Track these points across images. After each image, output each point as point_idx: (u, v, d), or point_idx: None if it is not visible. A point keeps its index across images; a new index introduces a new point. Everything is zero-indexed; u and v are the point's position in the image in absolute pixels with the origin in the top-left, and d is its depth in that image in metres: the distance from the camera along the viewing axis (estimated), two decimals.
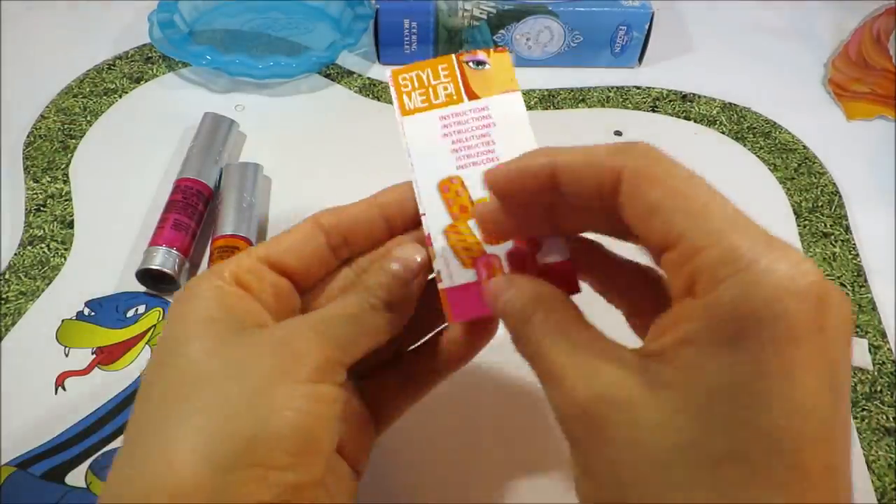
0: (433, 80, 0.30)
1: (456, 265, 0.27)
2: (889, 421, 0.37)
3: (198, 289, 0.25)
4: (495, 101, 0.29)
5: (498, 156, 0.28)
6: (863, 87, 0.54)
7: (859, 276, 0.43)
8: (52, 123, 0.49)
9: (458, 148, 0.29)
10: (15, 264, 0.41)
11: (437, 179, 0.28)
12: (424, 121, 0.29)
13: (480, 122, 0.29)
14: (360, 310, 0.25)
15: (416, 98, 0.30)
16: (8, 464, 0.33)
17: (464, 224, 0.28)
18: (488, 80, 0.29)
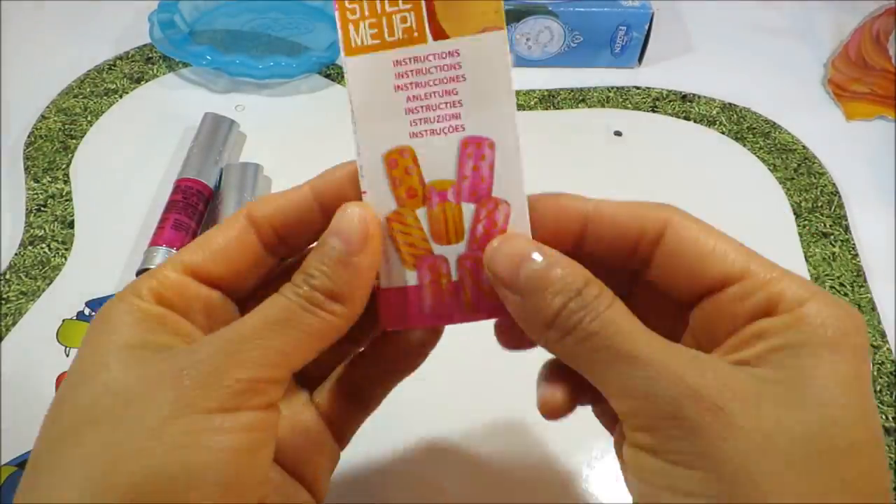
0: (388, 6, 0.22)
1: (396, 262, 0.23)
2: (889, 421, 0.37)
3: (114, 311, 0.22)
4: (469, 44, 0.22)
5: (464, 124, 0.22)
6: (862, 87, 0.54)
7: (859, 275, 0.43)
8: (53, 124, 0.49)
9: (414, 107, 0.22)
10: (15, 264, 0.41)
11: (383, 149, 0.22)
12: (374, 65, 0.22)
13: (447, 72, 0.22)
14: (288, 312, 0.21)
15: (364, 31, 0.22)
16: (8, 464, 0.34)
17: (410, 213, 0.22)
18: (464, 12, 0.22)
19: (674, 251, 0.22)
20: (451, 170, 0.22)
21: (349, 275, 0.21)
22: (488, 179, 0.22)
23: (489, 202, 0.22)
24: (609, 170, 0.48)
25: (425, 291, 0.23)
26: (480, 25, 0.22)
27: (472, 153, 0.22)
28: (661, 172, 0.49)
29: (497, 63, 0.22)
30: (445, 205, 0.23)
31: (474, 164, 0.22)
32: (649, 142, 0.51)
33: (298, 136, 0.50)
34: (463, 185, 0.22)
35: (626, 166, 0.49)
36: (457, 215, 0.23)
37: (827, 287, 0.42)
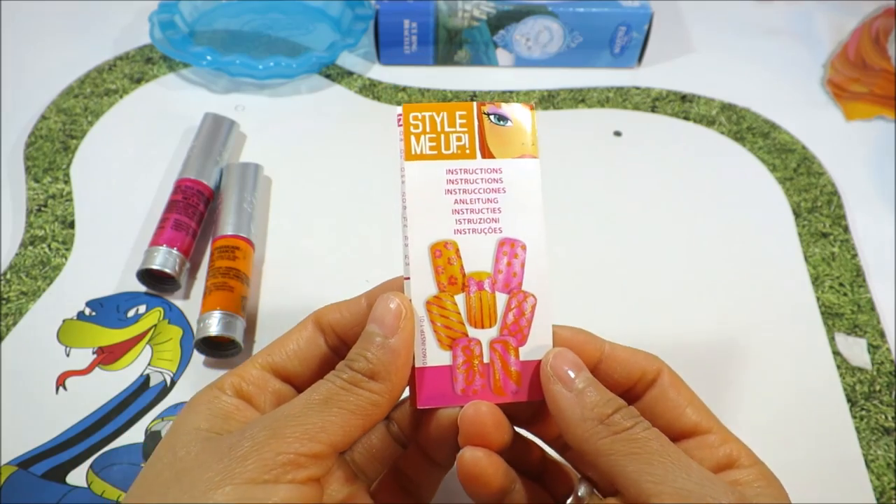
0: (447, 126, 0.26)
1: (433, 343, 0.25)
2: (888, 420, 0.37)
3: (195, 401, 0.25)
4: (511, 165, 0.26)
5: (501, 227, 0.26)
6: (861, 87, 0.54)
7: (858, 275, 0.43)
8: (53, 124, 0.49)
9: (460, 209, 0.26)
10: (16, 264, 0.41)
11: (430, 241, 0.26)
12: (429, 170, 0.26)
13: (490, 184, 0.26)
14: (329, 392, 0.23)
15: (424, 143, 0.26)
16: (9, 463, 0.34)
17: (450, 298, 0.25)
18: (508, 139, 0.27)
19: (663, 394, 0.26)
20: (489, 263, 0.26)
21: (385, 355, 0.24)
22: (520, 275, 0.26)
23: (519, 293, 0.26)
24: (609, 170, 0.48)
25: (458, 371, 0.25)
26: (519, 152, 0.27)
27: (507, 251, 0.26)
28: (660, 173, 0.49)
29: (530, 182, 0.26)
30: (482, 293, 0.26)
31: (508, 261, 0.26)
32: (649, 142, 0.51)
33: (298, 136, 0.50)
34: (498, 277, 0.26)
35: (625, 166, 0.49)
36: (491, 303, 0.26)
37: (826, 287, 0.42)
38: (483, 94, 0.53)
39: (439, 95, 0.53)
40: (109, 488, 0.33)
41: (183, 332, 0.39)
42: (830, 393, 0.38)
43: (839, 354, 0.39)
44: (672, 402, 0.26)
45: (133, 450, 0.34)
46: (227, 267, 0.39)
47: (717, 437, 0.25)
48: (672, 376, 0.27)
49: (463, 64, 0.55)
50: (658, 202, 0.47)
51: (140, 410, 0.36)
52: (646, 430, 0.23)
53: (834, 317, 0.41)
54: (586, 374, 0.25)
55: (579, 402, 0.24)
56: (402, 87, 0.53)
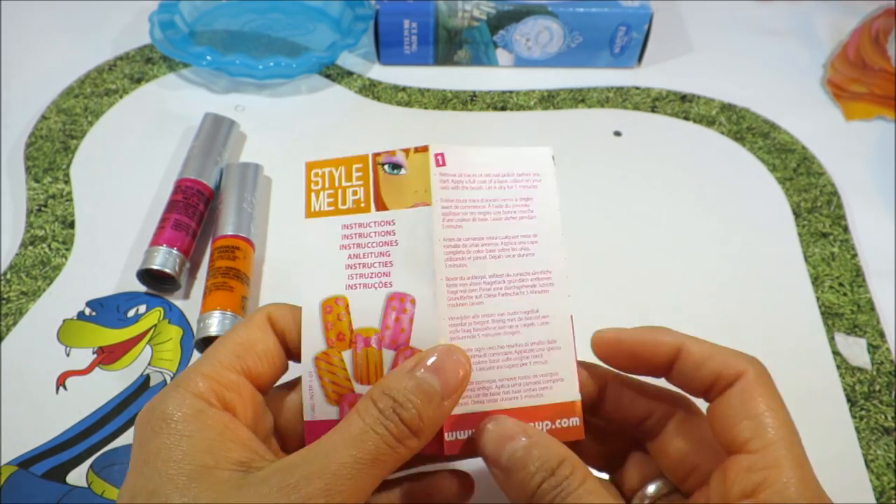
0: (345, 181, 0.27)
1: (320, 398, 0.25)
2: (887, 420, 0.37)
3: (181, 416, 0.22)
4: (403, 216, 0.26)
5: (392, 281, 0.25)
6: (861, 87, 0.54)
7: (858, 275, 0.43)
8: (54, 124, 0.49)
9: (353, 264, 0.26)
10: (16, 264, 0.41)
11: (322, 296, 0.26)
12: (325, 227, 0.26)
13: (383, 237, 0.26)
14: (377, 451, 0.22)
15: (323, 199, 0.27)
16: (9, 463, 0.34)
17: (337, 354, 0.26)
18: (401, 188, 0.26)
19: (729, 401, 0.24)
20: (377, 319, 0.26)
21: (436, 415, 0.23)
22: (408, 330, 0.25)
23: (406, 350, 0.25)
24: (609, 170, 0.48)
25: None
26: (412, 201, 0.26)
27: (395, 306, 0.26)
28: (660, 173, 0.49)
29: (422, 231, 0.26)
30: (368, 350, 0.26)
31: (397, 316, 0.25)
32: (649, 142, 0.51)
33: (298, 136, 0.50)
34: (385, 333, 0.26)
35: (625, 166, 0.49)
36: (377, 359, 0.25)
37: (826, 287, 0.42)
38: (483, 94, 0.53)
39: (439, 95, 0.53)
40: (109, 488, 0.33)
41: (183, 332, 0.39)
42: (830, 393, 0.38)
43: (839, 354, 0.39)
44: (732, 411, 0.24)
45: None
46: (227, 267, 0.39)
47: (757, 460, 0.23)
48: (751, 383, 0.24)
49: (463, 64, 0.55)
50: (658, 202, 0.47)
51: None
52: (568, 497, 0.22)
53: (834, 317, 0.41)
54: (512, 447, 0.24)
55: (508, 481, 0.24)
56: (402, 87, 0.53)
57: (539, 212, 0.27)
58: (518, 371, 0.26)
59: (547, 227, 0.27)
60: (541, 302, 0.26)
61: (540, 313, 0.26)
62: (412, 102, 0.52)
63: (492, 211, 0.27)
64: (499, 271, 0.26)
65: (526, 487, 0.23)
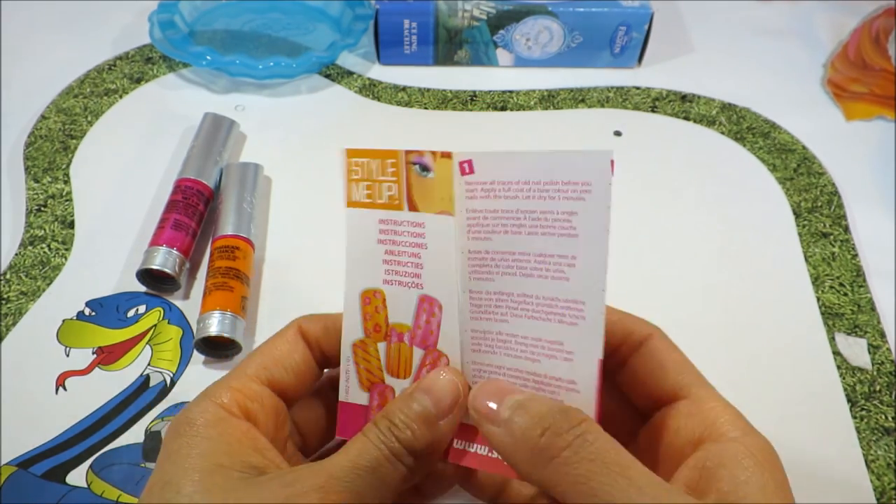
0: (380, 174, 0.26)
1: (355, 382, 0.26)
2: (888, 420, 0.37)
3: (202, 421, 0.23)
4: (432, 220, 0.25)
5: (423, 283, 0.26)
6: (861, 87, 0.54)
7: (858, 275, 0.43)
8: (53, 124, 0.49)
9: (389, 260, 0.26)
10: (16, 264, 0.41)
11: (362, 287, 0.26)
12: (365, 218, 0.26)
13: (414, 238, 0.26)
14: (377, 462, 0.23)
15: (361, 190, 0.26)
16: (9, 463, 0.34)
17: (373, 345, 0.26)
18: (430, 192, 0.25)
19: (648, 357, 0.26)
20: (410, 317, 0.26)
21: (431, 435, 0.24)
22: (435, 333, 0.26)
23: (434, 352, 0.26)
24: None
25: (372, 412, 0.26)
26: (438, 207, 0.25)
27: (426, 308, 0.26)
28: (660, 173, 0.49)
29: (446, 241, 0.25)
30: (401, 346, 0.26)
31: (427, 318, 0.26)
32: (649, 142, 0.51)
33: (298, 136, 0.50)
34: (417, 332, 0.26)
35: (625, 166, 0.49)
36: (408, 356, 0.26)
37: (826, 287, 0.42)
38: (483, 94, 0.53)
39: (439, 95, 0.53)
40: (109, 488, 0.33)
41: (183, 333, 0.39)
42: (830, 393, 0.38)
43: (839, 354, 0.39)
44: (656, 364, 0.25)
45: (133, 450, 0.34)
46: (227, 267, 0.39)
47: (694, 405, 0.24)
48: (663, 342, 0.26)
49: (463, 64, 0.55)
50: (658, 202, 0.47)
51: (140, 410, 0.36)
52: (585, 447, 0.21)
53: (834, 317, 0.41)
54: (512, 399, 0.23)
55: (509, 435, 0.22)
56: (402, 87, 0.53)
57: (583, 230, 0.23)
58: None
59: (589, 250, 0.23)
60: (567, 335, 0.24)
61: (564, 347, 0.24)
62: (412, 102, 0.52)
63: (527, 224, 0.24)
64: (528, 291, 0.24)
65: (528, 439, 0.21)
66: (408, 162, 0.26)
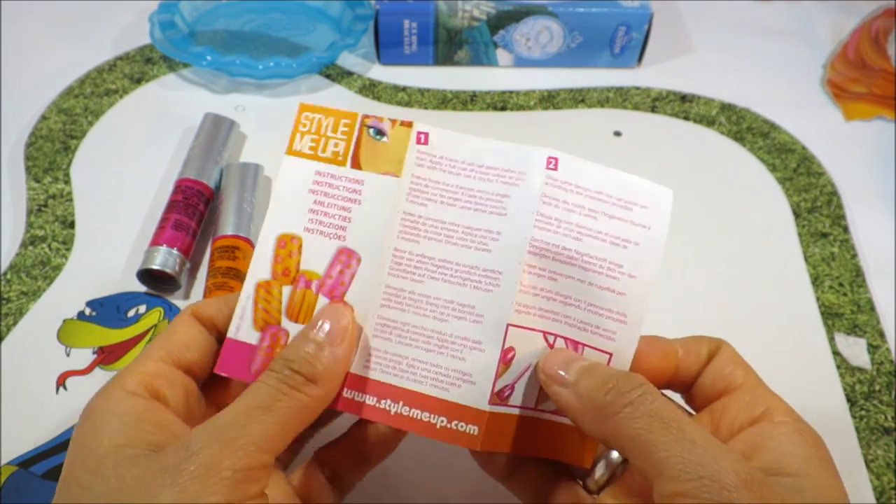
0: (330, 131, 0.28)
1: (248, 321, 0.27)
2: (887, 420, 0.37)
3: (104, 407, 0.23)
4: (373, 180, 0.27)
5: (346, 236, 0.27)
6: (861, 87, 0.54)
7: (858, 275, 0.43)
8: (54, 124, 0.49)
9: (316, 209, 0.27)
10: (16, 264, 0.41)
11: (280, 230, 0.27)
12: (301, 168, 0.28)
13: (349, 193, 0.27)
14: (269, 398, 0.23)
15: (306, 141, 0.28)
16: (9, 463, 0.34)
17: (277, 287, 0.27)
18: (379, 154, 0.28)
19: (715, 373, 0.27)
20: (323, 267, 0.27)
21: (329, 361, 0.24)
22: (346, 285, 0.27)
23: (339, 302, 0.27)
24: None
25: (259, 353, 0.26)
26: (385, 169, 0.27)
27: (342, 260, 0.27)
28: (660, 173, 0.48)
29: (385, 199, 0.27)
30: (307, 292, 0.27)
31: (341, 269, 0.27)
32: (649, 142, 0.51)
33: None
34: (326, 281, 0.27)
35: (625, 166, 0.49)
36: (311, 302, 0.27)
37: (826, 287, 0.42)
38: (483, 94, 0.53)
39: (439, 96, 0.53)
40: None
41: None
42: (830, 393, 0.38)
43: (839, 354, 0.39)
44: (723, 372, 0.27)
45: None
46: (227, 267, 0.39)
47: (744, 394, 0.25)
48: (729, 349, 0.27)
49: (463, 64, 0.55)
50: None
51: None
52: (645, 404, 0.22)
53: (834, 317, 0.41)
54: (578, 365, 0.25)
55: (576, 395, 0.24)
56: (402, 87, 0.53)
57: (512, 211, 0.27)
58: (433, 357, 0.26)
59: (514, 228, 0.27)
60: (480, 300, 0.26)
61: (476, 310, 0.26)
62: (412, 102, 0.52)
63: (462, 199, 0.27)
64: (450, 258, 0.27)
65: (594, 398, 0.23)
66: (363, 125, 0.28)
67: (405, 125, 0.28)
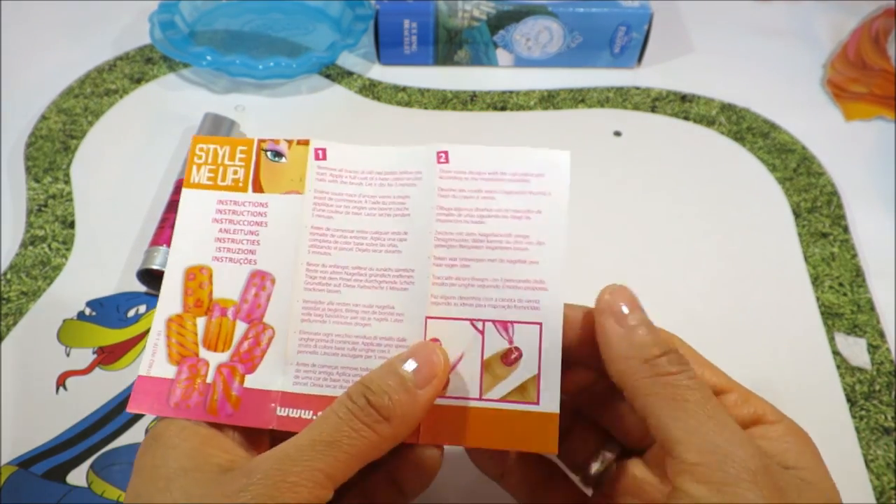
0: (227, 160, 0.29)
1: (162, 356, 0.26)
2: (887, 420, 0.37)
3: (170, 432, 0.24)
4: (277, 200, 0.28)
5: (256, 259, 0.27)
6: (861, 87, 0.54)
7: (858, 275, 0.43)
8: (54, 124, 0.49)
9: (223, 238, 0.28)
10: (16, 264, 0.41)
11: (188, 263, 0.27)
12: (202, 199, 0.28)
13: (254, 217, 0.28)
14: (336, 433, 0.23)
15: (204, 172, 0.28)
16: (9, 463, 0.34)
17: (191, 319, 0.27)
18: (279, 175, 0.28)
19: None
20: (237, 293, 0.27)
21: (411, 404, 0.24)
22: (264, 307, 0.27)
23: (259, 324, 0.27)
24: (608, 170, 0.48)
25: (178, 385, 0.26)
26: (287, 188, 0.28)
27: (256, 283, 0.27)
28: (660, 173, 0.49)
29: (291, 216, 0.28)
30: (223, 320, 0.27)
31: (256, 292, 0.27)
32: (649, 142, 0.51)
33: (298, 136, 0.50)
34: (243, 307, 0.27)
35: (625, 167, 0.49)
36: (229, 329, 0.27)
37: (826, 287, 0.42)
38: (483, 94, 0.53)
39: (439, 95, 0.53)
40: (109, 488, 0.33)
41: None
42: (830, 393, 0.38)
43: (839, 354, 0.39)
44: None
45: (133, 450, 0.34)
46: None
47: (738, 396, 0.25)
48: (686, 347, 0.27)
49: (463, 64, 0.55)
50: (658, 202, 0.47)
51: None
52: (689, 380, 0.23)
53: (834, 317, 0.41)
54: (640, 314, 0.25)
55: (628, 339, 0.24)
56: (402, 87, 0.53)
57: (414, 210, 0.27)
58: (361, 362, 0.26)
59: (418, 226, 0.27)
60: (398, 299, 0.27)
61: (395, 310, 0.27)
62: (412, 102, 0.52)
63: (367, 206, 0.28)
64: (363, 264, 0.27)
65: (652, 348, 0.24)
66: (260, 149, 0.29)
67: (301, 143, 0.29)
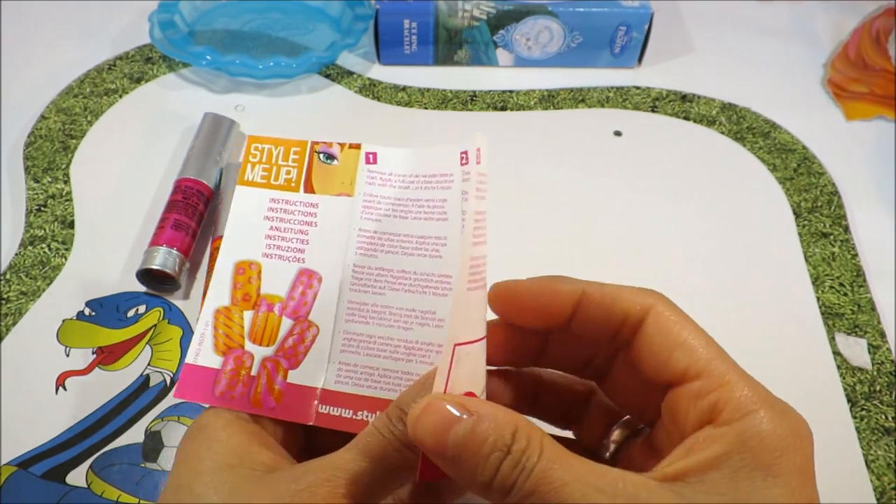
0: (281, 160, 0.30)
1: (209, 346, 0.27)
2: (888, 420, 0.37)
3: (216, 425, 0.25)
4: (327, 202, 0.29)
5: (305, 258, 0.28)
6: (862, 87, 0.54)
7: (858, 275, 0.43)
8: (53, 124, 0.49)
9: (273, 235, 0.28)
10: (16, 264, 0.41)
11: (238, 258, 0.28)
12: (255, 196, 0.29)
13: (305, 217, 0.28)
14: (384, 452, 0.23)
15: (258, 171, 0.29)
16: (8, 463, 0.34)
17: (238, 312, 0.27)
18: (331, 177, 0.29)
19: (650, 338, 0.23)
20: (285, 290, 0.28)
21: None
22: (310, 304, 0.28)
23: (304, 322, 0.27)
24: (609, 170, 0.48)
25: (223, 376, 0.26)
26: (338, 190, 0.29)
27: (303, 281, 0.28)
28: (660, 173, 0.49)
29: (340, 218, 0.28)
30: (270, 315, 0.28)
31: (303, 290, 0.28)
32: (649, 142, 0.51)
33: (298, 136, 0.49)
34: (289, 303, 0.28)
35: (625, 166, 0.49)
36: (275, 325, 0.27)
37: (826, 287, 0.42)
38: (483, 94, 0.53)
39: (439, 95, 0.53)
40: (109, 488, 0.33)
41: (183, 332, 0.39)
42: (830, 393, 0.38)
43: (839, 354, 0.39)
44: (657, 346, 0.23)
45: (133, 450, 0.34)
46: None
47: (704, 384, 0.22)
48: (663, 315, 0.23)
49: (463, 64, 0.55)
50: (658, 202, 0.47)
51: (140, 410, 0.36)
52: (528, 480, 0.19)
53: (834, 317, 0.41)
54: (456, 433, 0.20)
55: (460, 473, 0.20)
56: (402, 87, 0.53)
57: (450, 214, 0.27)
58: (402, 366, 0.26)
59: (455, 231, 0.27)
60: (439, 304, 0.27)
61: (437, 316, 0.27)
62: (412, 102, 0.52)
63: (413, 210, 0.28)
64: (407, 268, 0.27)
65: (482, 476, 0.20)
66: (313, 151, 0.29)
67: (353, 147, 0.29)
